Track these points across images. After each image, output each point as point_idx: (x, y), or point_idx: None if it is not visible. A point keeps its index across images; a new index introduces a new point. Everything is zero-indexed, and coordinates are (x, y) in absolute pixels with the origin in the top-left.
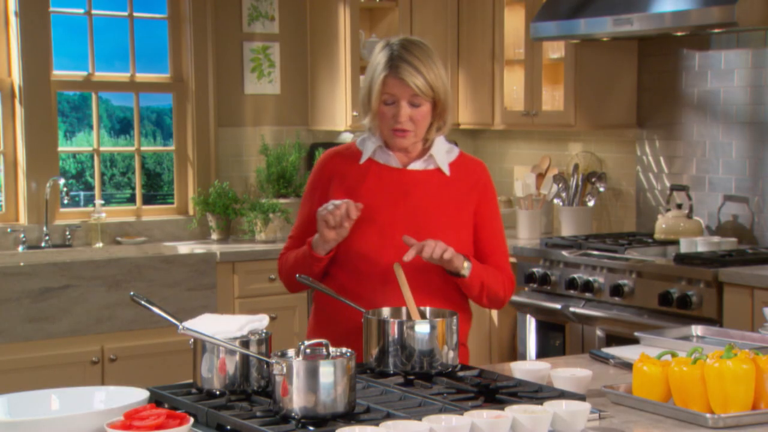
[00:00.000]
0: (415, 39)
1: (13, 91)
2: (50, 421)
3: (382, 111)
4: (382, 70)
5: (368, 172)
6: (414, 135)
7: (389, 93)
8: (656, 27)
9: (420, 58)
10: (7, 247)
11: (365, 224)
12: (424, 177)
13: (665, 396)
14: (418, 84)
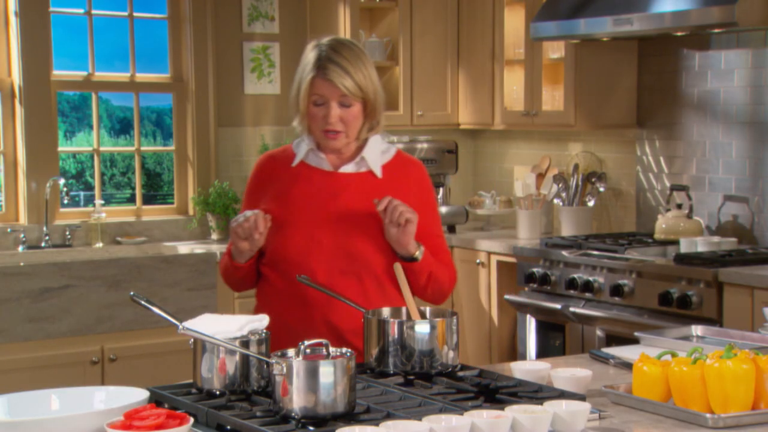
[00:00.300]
0: (344, 39)
1: (13, 91)
2: (50, 421)
3: (312, 112)
4: (310, 71)
5: (299, 176)
6: (346, 136)
7: (318, 94)
8: (656, 27)
9: (348, 59)
10: (7, 247)
11: (293, 228)
12: (355, 180)
13: (665, 396)
14: (347, 85)
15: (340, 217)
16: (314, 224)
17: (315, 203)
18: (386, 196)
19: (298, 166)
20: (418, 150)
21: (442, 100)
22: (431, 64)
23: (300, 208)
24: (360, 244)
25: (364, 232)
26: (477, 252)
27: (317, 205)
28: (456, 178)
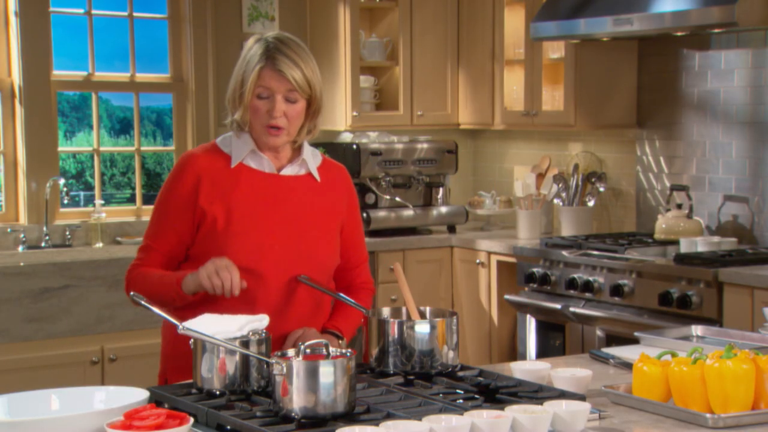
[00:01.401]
0: (289, 35)
1: (13, 91)
2: (50, 421)
3: (255, 105)
4: (259, 62)
5: (240, 178)
6: (287, 134)
7: (265, 86)
8: (656, 27)
9: (297, 53)
10: (7, 247)
11: (243, 236)
12: (298, 183)
13: (665, 396)
14: (296, 77)
15: (289, 221)
16: (264, 230)
17: (262, 208)
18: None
19: (237, 168)
20: (418, 150)
21: (442, 100)
22: (431, 64)
23: (246, 213)
24: (312, 248)
25: (315, 236)
26: (477, 252)
27: (265, 210)
28: (456, 178)
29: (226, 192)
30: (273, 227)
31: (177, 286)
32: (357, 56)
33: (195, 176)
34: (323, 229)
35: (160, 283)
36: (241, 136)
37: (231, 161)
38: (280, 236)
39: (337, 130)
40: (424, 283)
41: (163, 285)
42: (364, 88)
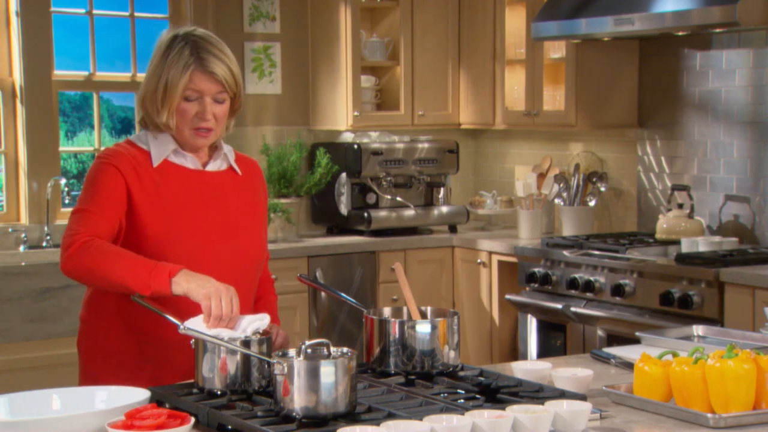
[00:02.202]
0: (204, 30)
1: (14, 90)
2: (52, 421)
3: (183, 108)
4: (188, 64)
5: (167, 176)
6: (215, 135)
7: (195, 89)
8: (657, 27)
9: (222, 50)
10: (8, 246)
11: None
12: (223, 178)
13: (666, 396)
14: (227, 78)
15: (221, 217)
16: (200, 228)
17: (193, 205)
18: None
19: (161, 166)
20: (419, 150)
21: (443, 100)
22: (432, 63)
23: (180, 211)
24: (246, 243)
25: (246, 230)
26: (478, 252)
27: (197, 207)
28: (457, 178)
29: (154, 190)
30: (208, 226)
31: (166, 277)
32: (358, 56)
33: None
34: (252, 224)
35: (134, 264)
36: (159, 136)
37: (152, 160)
38: (216, 233)
39: (338, 129)
40: (425, 283)
41: (139, 267)
42: (365, 88)
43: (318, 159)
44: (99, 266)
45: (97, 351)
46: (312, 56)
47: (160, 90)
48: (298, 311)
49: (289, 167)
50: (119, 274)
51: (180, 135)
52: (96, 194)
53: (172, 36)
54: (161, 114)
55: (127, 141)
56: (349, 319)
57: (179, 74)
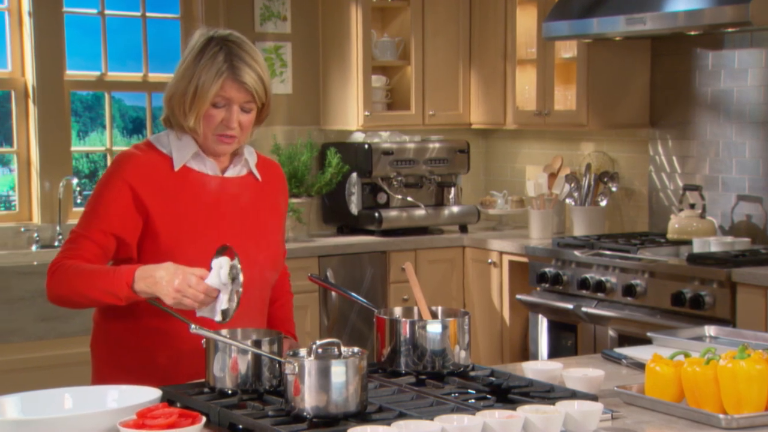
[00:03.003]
0: (239, 34)
1: (26, 90)
2: (64, 420)
3: (210, 114)
4: (221, 71)
5: (184, 181)
6: (238, 142)
7: (224, 96)
8: (669, 26)
9: (255, 59)
10: (20, 246)
11: (193, 242)
12: (241, 184)
13: (678, 396)
14: (258, 88)
15: (237, 224)
16: (214, 235)
17: (209, 212)
18: None
19: (181, 171)
20: (430, 150)
21: (453, 100)
22: (443, 63)
23: (195, 218)
24: (262, 250)
25: (263, 236)
26: (489, 252)
27: (212, 214)
28: (467, 178)
29: (171, 196)
30: (222, 231)
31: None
32: (369, 56)
33: (137, 178)
34: (269, 229)
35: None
36: (182, 137)
37: (173, 163)
38: (231, 240)
39: (349, 129)
40: (436, 282)
41: (100, 279)
42: (376, 88)
43: (329, 159)
44: (69, 288)
45: (110, 353)
46: (323, 56)
47: (190, 93)
48: (308, 311)
49: (300, 167)
50: (86, 291)
51: (204, 140)
52: (92, 213)
53: (207, 38)
54: (188, 117)
55: (147, 143)
56: (359, 318)
57: (211, 80)
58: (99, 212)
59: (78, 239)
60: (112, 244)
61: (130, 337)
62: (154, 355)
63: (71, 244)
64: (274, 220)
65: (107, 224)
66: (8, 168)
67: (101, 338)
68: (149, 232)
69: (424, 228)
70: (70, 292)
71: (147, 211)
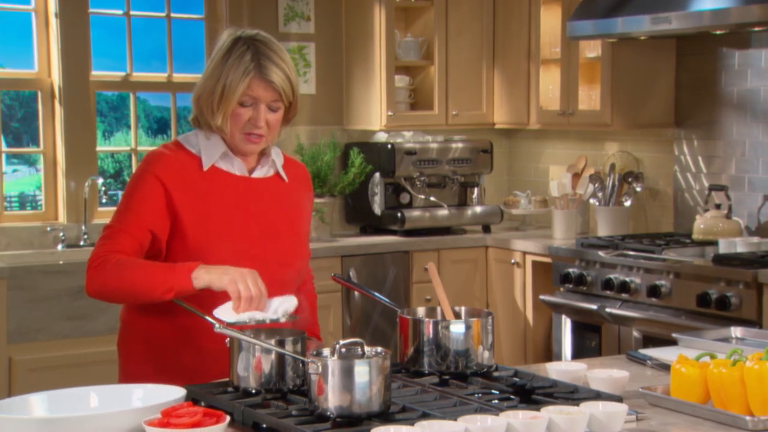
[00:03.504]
0: (266, 34)
1: (53, 91)
2: (90, 418)
3: (237, 113)
4: (248, 69)
5: (212, 181)
6: (266, 141)
7: (251, 95)
8: (695, 25)
9: (282, 58)
10: (46, 245)
11: (220, 243)
12: (268, 185)
13: (704, 398)
14: (285, 87)
15: (263, 225)
16: (240, 235)
17: (236, 212)
18: None
19: (209, 171)
20: (453, 149)
21: (477, 100)
22: (466, 63)
23: (222, 218)
24: (287, 251)
25: (288, 237)
26: (512, 252)
27: (239, 214)
28: (491, 178)
29: (199, 196)
30: (248, 232)
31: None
32: (392, 56)
33: (167, 176)
34: (295, 230)
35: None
36: (211, 137)
37: (202, 163)
38: (256, 241)
39: (372, 129)
40: (459, 283)
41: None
42: (399, 88)
43: (352, 159)
44: (118, 281)
45: (137, 352)
46: (346, 56)
47: (218, 93)
48: (331, 310)
49: (323, 167)
50: (140, 284)
51: (231, 139)
52: (127, 209)
53: (234, 38)
54: (216, 116)
55: (176, 142)
56: (382, 318)
57: (238, 79)
58: (134, 208)
59: (116, 234)
60: (147, 239)
61: (157, 336)
62: (181, 354)
63: (109, 239)
64: (300, 222)
65: (143, 219)
66: (34, 168)
67: (129, 337)
68: (178, 230)
69: (447, 228)
70: (117, 283)
71: (176, 210)
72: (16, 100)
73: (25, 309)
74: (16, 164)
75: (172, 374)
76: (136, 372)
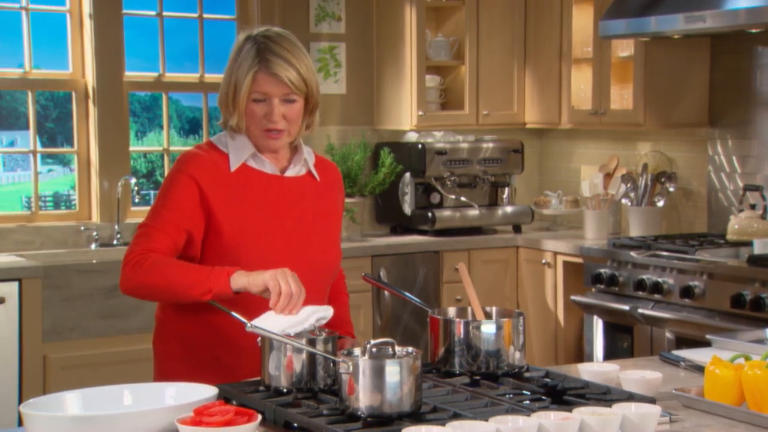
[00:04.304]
0: (279, 30)
1: (86, 92)
2: (124, 416)
3: (251, 110)
4: (251, 66)
5: (245, 181)
6: (287, 135)
7: (260, 91)
8: (730, 24)
9: (290, 51)
10: (80, 245)
11: (254, 242)
12: (301, 184)
13: (738, 400)
14: (292, 78)
15: (297, 224)
16: (274, 235)
17: (270, 212)
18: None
19: (239, 171)
20: (484, 149)
21: (508, 100)
22: (498, 63)
23: (256, 218)
24: (321, 251)
25: (322, 237)
26: (543, 252)
27: (273, 214)
28: (522, 178)
29: (233, 195)
30: (282, 230)
31: (225, 277)
32: (423, 56)
33: (202, 176)
34: (328, 230)
35: (191, 271)
36: (237, 137)
37: (230, 164)
38: (290, 239)
39: (403, 129)
40: (489, 283)
41: (196, 274)
42: (430, 88)
43: (382, 159)
44: (155, 280)
45: (172, 352)
46: (377, 56)
47: (230, 92)
48: (361, 310)
49: (354, 167)
50: (178, 284)
51: (252, 137)
52: (163, 208)
53: (245, 37)
54: (233, 116)
55: (209, 143)
56: (412, 318)
57: (243, 76)
58: (170, 207)
59: (152, 232)
60: (182, 238)
61: (193, 335)
62: (217, 352)
63: (145, 237)
64: (332, 221)
65: (179, 218)
66: (69, 168)
67: (165, 336)
68: (212, 229)
69: (477, 228)
70: (154, 282)
71: (210, 208)
72: (50, 101)
73: (60, 307)
74: (51, 164)
75: (208, 372)
76: (173, 371)
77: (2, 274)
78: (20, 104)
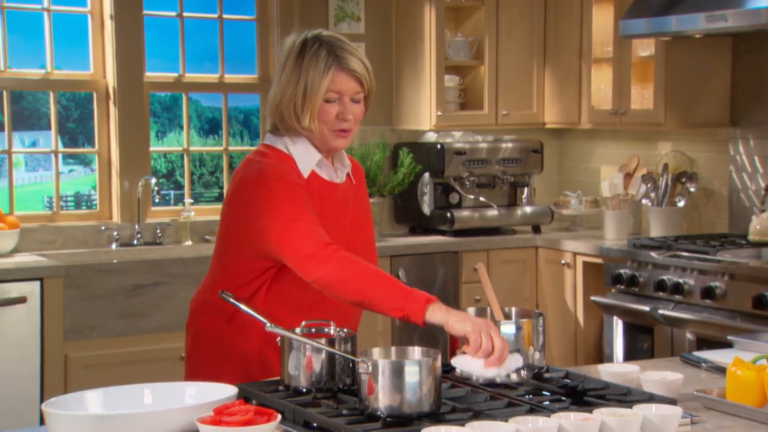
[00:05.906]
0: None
1: (107, 92)
2: (144, 416)
3: (324, 110)
4: (328, 64)
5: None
6: (352, 134)
7: (336, 90)
8: (752, 23)
9: (354, 48)
10: (101, 244)
11: None
12: (348, 189)
13: (760, 401)
14: (365, 75)
15: (348, 229)
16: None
17: (328, 220)
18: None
19: (310, 178)
20: (503, 149)
21: (527, 100)
22: (517, 63)
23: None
24: (366, 253)
25: (365, 243)
26: (562, 252)
27: (331, 222)
28: (541, 178)
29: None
30: (341, 237)
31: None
32: (442, 55)
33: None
34: (368, 234)
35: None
36: (297, 141)
37: (300, 170)
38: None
39: (422, 129)
40: (508, 283)
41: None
42: (449, 88)
43: (401, 159)
44: (354, 278)
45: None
46: (396, 56)
47: (300, 94)
48: None
49: (373, 167)
50: (374, 291)
51: (321, 138)
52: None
53: (303, 39)
54: (302, 119)
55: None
56: None
57: (320, 75)
58: (296, 201)
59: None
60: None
61: (223, 333)
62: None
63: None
64: (369, 224)
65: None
66: (90, 168)
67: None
68: None
69: (496, 228)
70: (358, 284)
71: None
72: (72, 101)
73: (81, 307)
74: (72, 164)
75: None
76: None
77: (24, 273)
78: (42, 105)
